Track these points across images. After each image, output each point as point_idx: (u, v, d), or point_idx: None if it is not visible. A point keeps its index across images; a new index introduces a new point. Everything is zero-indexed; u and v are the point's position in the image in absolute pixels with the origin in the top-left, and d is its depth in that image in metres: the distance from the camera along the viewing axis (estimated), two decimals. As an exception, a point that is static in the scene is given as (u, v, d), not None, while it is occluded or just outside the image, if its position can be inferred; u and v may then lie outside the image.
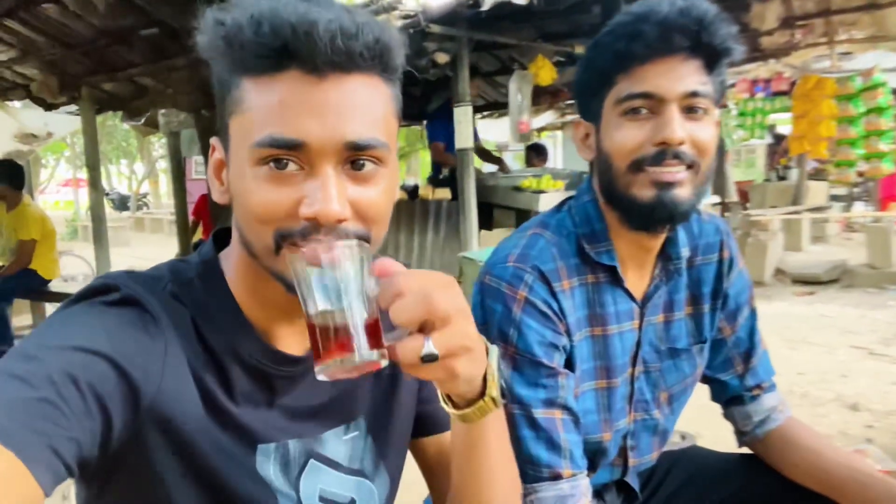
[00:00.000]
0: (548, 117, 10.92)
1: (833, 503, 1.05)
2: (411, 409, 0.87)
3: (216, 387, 0.68)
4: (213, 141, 0.71)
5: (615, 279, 1.06)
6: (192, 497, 0.67)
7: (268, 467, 0.71)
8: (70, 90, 5.44)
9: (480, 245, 4.24)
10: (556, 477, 0.97)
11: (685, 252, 1.09)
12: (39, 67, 5.21)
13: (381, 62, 0.64)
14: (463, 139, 4.22)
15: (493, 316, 1.01)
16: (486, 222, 4.64)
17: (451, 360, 0.58)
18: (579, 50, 4.58)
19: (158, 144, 19.67)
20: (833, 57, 6.70)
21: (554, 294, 1.01)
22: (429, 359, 0.56)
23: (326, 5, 0.61)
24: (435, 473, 0.91)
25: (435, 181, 4.87)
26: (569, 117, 11.04)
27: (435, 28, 3.83)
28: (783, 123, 11.21)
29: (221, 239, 0.77)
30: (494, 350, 0.69)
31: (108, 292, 0.66)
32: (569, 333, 1.02)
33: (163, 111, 6.18)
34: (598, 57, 0.98)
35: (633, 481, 1.18)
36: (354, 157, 0.63)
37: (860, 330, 4.64)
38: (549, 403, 0.98)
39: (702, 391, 1.24)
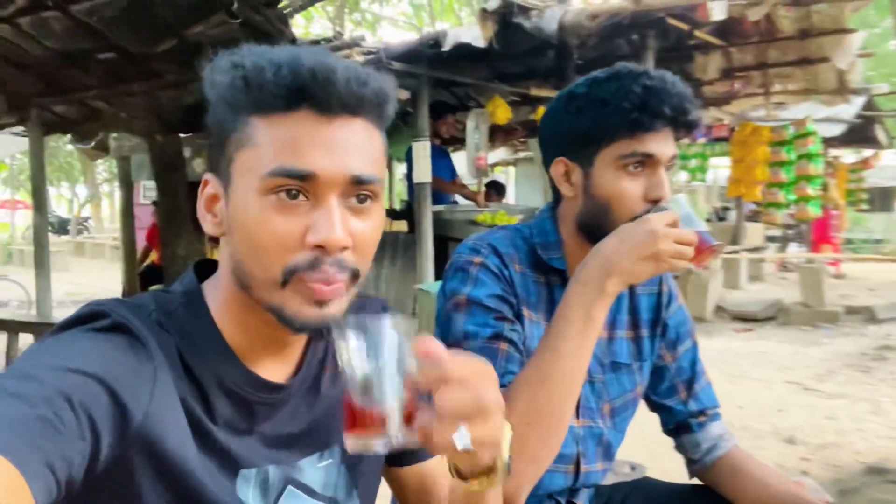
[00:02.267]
0: (501, 153, 11.19)
1: None
2: None
3: (201, 412, 0.70)
4: (208, 177, 0.74)
5: (563, 282, 1.15)
6: None
7: (247, 492, 0.73)
8: (18, 111, 5.30)
9: (436, 277, 4.29)
10: None
11: None
12: (-13, 87, 5.06)
13: (381, 109, 0.71)
14: (422, 173, 4.30)
15: (450, 281, 1.12)
16: (442, 255, 4.70)
17: (481, 450, 0.59)
18: (534, 91, 4.75)
19: (103, 167, 19.10)
20: (768, 107, 7.13)
21: (506, 266, 1.12)
22: (464, 449, 0.56)
23: (339, 58, 0.68)
24: (409, 502, 0.94)
25: (391, 213, 4.92)
26: (521, 154, 11.33)
27: (396, 65, 3.93)
28: (722, 167, 11.77)
29: (203, 269, 0.80)
30: (507, 429, 0.72)
31: (98, 318, 0.68)
32: (518, 305, 1.12)
33: (114, 135, 6.06)
34: (603, 115, 1.07)
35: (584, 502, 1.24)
36: (357, 191, 0.69)
37: (795, 366, 4.84)
38: (496, 337, 1.07)
39: (649, 422, 1.31)
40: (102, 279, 11.19)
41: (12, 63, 4.72)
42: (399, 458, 0.92)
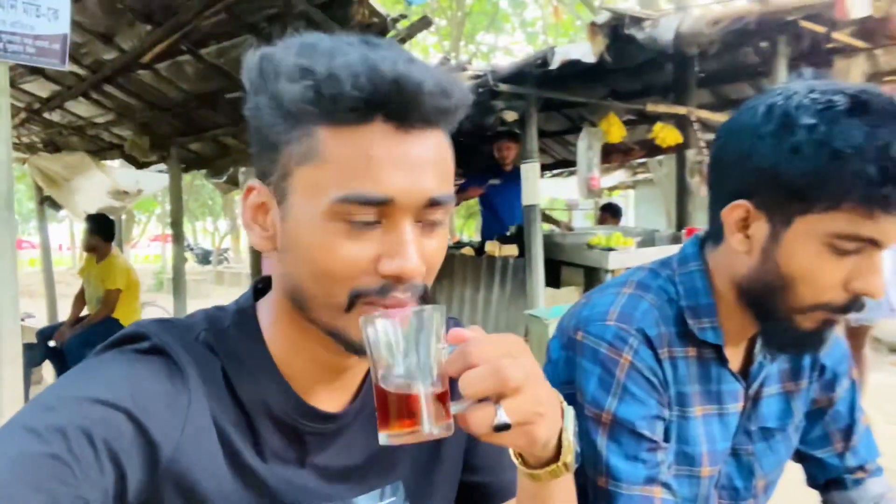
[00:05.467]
0: (619, 176, 10.81)
1: None
2: (455, 476, 0.81)
3: (243, 443, 0.65)
4: (254, 184, 0.67)
5: (719, 358, 0.96)
6: None
7: None
8: (160, 149, 5.81)
9: (547, 303, 4.14)
10: None
11: None
12: (133, 129, 5.60)
13: (452, 119, 0.63)
14: (530, 196, 4.19)
15: (588, 378, 0.93)
16: (553, 280, 4.54)
17: (527, 426, 0.56)
18: (651, 108, 4.51)
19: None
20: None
21: (659, 361, 0.92)
22: (502, 428, 0.54)
23: (418, 62, 0.60)
24: None
25: (502, 238, 4.84)
26: (640, 176, 10.89)
27: (503, 87, 3.87)
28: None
29: (261, 286, 0.75)
30: (570, 412, 0.66)
31: (138, 340, 0.65)
32: (669, 407, 0.93)
33: (243, 169, 6.49)
34: (837, 170, 0.76)
35: None
36: (431, 213, 0.62)
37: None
38: (650, 481, 0.89)
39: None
40: (236, 306, 11.98)
41: (154, 106, 5.20)
42: (477, 500, 0.83)
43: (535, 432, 0.57)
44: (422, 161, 0.60)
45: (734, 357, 0.98)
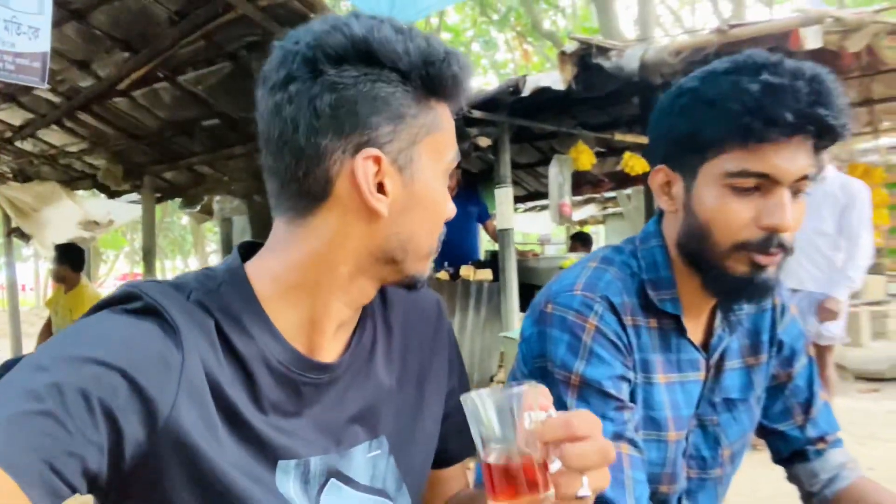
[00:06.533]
0: (589, 210, 11.02)
1: None
2: (435, 437, 0.85)
3: (241, 398, 0.66)
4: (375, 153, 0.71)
5: (678, 328, 1.02)
6: None
7: (287, 484, 0.68)
8: (133, 178, 5.78)
9: (521, 325, 4.18)
10: None
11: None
12: (106, 157, 5.57)
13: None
14: (504, 220, 4.27)
15: (557, 345, 0.97)
16: (528, 303, 4.59)
17: (593, 496, 0.61)
18: (619, 137, 4.67)
19: (212, 239, 20.45)
20: (881, 150, 6.65)
21: (624, 327, 0.98)
22: (582, 497, 0.59)
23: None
24: (437, 499, 0.91)
25: (476, 262, 4.90)
26: (610, 210, 11.12)
27: (477, 113, 3.98)
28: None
29: (246, 249, 0.77)
30: None
31: (131, 300, 0.66)
32: (634, 370, 0.98)
33: (217, 198, 6.48)
34: (711, 118, 0.88)
35: None
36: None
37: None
38: (617, 437, 0.92)
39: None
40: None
41: (129, 134, 5.20)
42: (445, 461, 0.88)
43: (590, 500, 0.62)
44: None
45: (695, 330, 1.04)
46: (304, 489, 0.69)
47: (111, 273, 25.71)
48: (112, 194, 6.48)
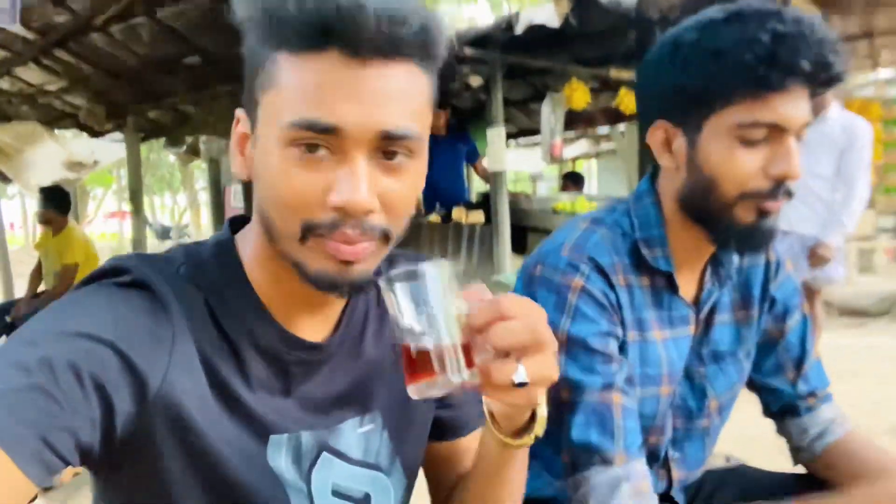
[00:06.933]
0: (582, 146, 10.91)
1: None
2: (429, 411, 0.84)
3: (230, 374, 0.66)
4: (239, 113, 0.68)
5: (670, 285, 1.02)
6: (198, 490, 0.64)
7: (279, 459, 0.68)
8: (116, 118, 5.64)
9: (513, 269, 4.19)
10: (608, 462, 0.90)
11: (736, 257, 1.07)
12: (87, 97, 5.41)
13: (424, 51, 0.62)
14: (497, 162, 4.21)
15: (545, 304, 0.95)
16: (520, 246, 4.60)
17: (535, 388, 0.59)
18: (615, 74, 4.55)
19: (200, 175, 20.23)
20: (878, 84, 6.55)
21: (612, 286, 0.97)
22: (521, 384, 0.57)
23: None
24: (439, 475, 0.90)
25: (468, 204, 4.86)
26: (603, 146, 11.01)
27: (468, 51, 3.86)
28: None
29: (238, 223, 0.75)
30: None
31: (119, 274, 0.65)
32: (623, 327, 0.98)
33: (204, 138, 6.35)
34: (720, 70, 0.87)
35: (678, 497, 1.12)
36: (387, 146, 0.61)
37: (915, 359, 4.42)
38: (607, 387, 0.93)
39: (743, 417, 1.17)
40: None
41: (108, 72, 5.02)
42: (443, 433, 0.87)
43: (538, 395, 0.60)
44: (378, 94, 0.59)
45: (686, 286, 1.05)
46: (296, 464, 0.70)
47: (99, 210, 25.51)
48: (95, 134, 6.34)
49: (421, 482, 0.85)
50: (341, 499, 0.73)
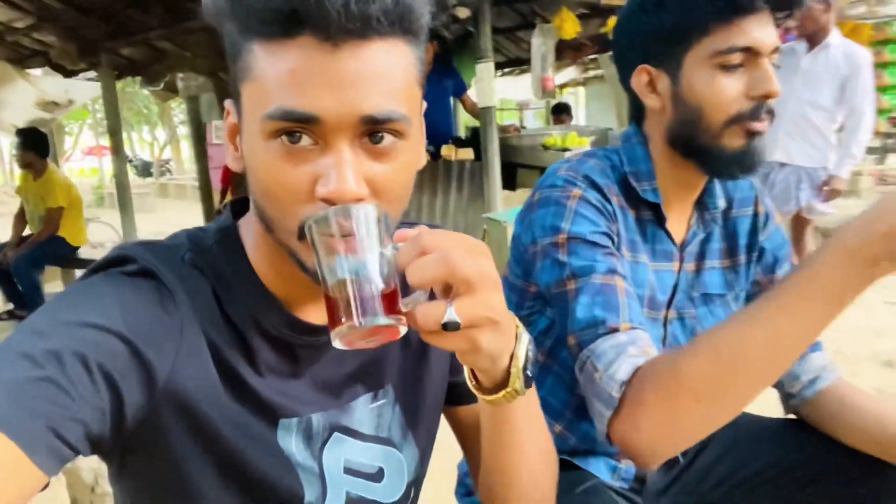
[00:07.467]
0: (570, 73, 10.68)
1: (891, 466, 1.01)
2: (442, 379, 0.85)
3: (238, 360, 0.66)
4: (227, 104, 0.67)
5: (657, 218, 1.07)
6: (210, 476, 0.65)
7: (290, 441, 0.70)
8: (89, 56, 5.42)
9: (504, 206, 4.19)
10: (613, 331, 0.91)
11: (721, 203, 1.11)
12: (58, 34, 5.18)
13: (402, 25, 0.58)
14: (486, 97, 4.13)
15: (545, 217, 1.01)
16: (510, 182, 4.58)
17: (475, 331, 0.55)
18: (605, 1, 4.42)
19: (179, 110, 19.71)
20: (869, 2, 6.40)
21: (608, 200, 1.02)
22: (450, 327, 0.52)
23: None
24: (470, 441, 0.90)
25: (456, 140, 4.79)
26: (591, 73, 10.79)
27: (455, -19, 3.71)
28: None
29: (239, 206, 0.74)
30: (524, 338, 0.65)
31: (125, 263, 0.65)
32: (619, 239, 1.02)
33: (181, 75, 6.15)
34: (690, 3, 0.95)
35: None
36: (372, 130, 0.58)
37: (894, 286, 4.52)
38: (610, 272, 0.95)
39: None
40: (186, 218, 11.68)
41: (78, 8, 4.80)
42: (457, 398, 0.87)
43: (481, 339, 0.56)
44: (355, 77, 0.56)
45: (674, 228, 1.09)
46: (307, 445, 0.71)
47: (76, 147, 24.92)
48: (69, 73, 6.11)
49: (434, 457, 0.86)
50: (354, 476, 0.75)
